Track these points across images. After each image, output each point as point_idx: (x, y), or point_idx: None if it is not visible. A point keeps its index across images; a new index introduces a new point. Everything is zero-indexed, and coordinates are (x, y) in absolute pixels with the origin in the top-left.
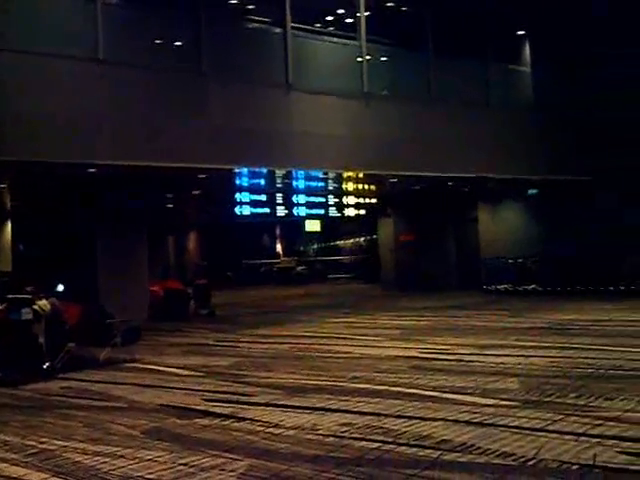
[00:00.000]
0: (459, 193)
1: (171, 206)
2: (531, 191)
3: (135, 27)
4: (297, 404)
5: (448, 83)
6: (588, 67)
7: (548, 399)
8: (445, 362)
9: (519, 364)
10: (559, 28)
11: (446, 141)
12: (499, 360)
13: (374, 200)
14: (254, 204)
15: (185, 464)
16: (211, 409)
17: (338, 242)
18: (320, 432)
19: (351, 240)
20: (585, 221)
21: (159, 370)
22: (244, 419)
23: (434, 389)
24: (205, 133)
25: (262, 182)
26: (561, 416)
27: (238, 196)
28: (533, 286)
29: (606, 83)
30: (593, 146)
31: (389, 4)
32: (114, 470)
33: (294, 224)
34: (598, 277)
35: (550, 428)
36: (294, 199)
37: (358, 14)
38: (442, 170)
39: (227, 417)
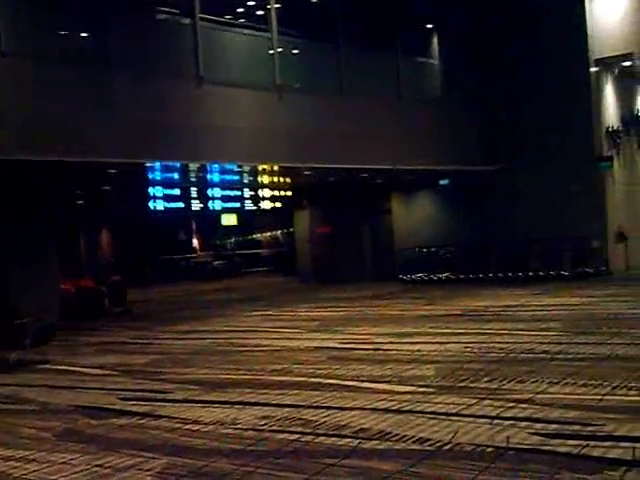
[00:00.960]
0: (373, 185)
1: (82, 202)
2: (442, 181)
3: (39, 18)
4: (216, 399)
5: (360, 76)
6: (495, 60)
7: (463, 384)
8: (363, 351)
9: (435, 351)
10: (466, 21)
11: (359, 133)
12: (415, 348)
13: (290, 193)
14: (168, 198)
15: (100, 465)
16: (127, 408)
17: (255, 235)
18: (239, 426)
19: (268, 233)
20: (494, 210)
21: (73, 370)
22: (161, 417)
23: (352, 379)
24: (114, 127)
25: (175, 176)
26: (475, 400)
27: (151, 190)
28: (447, 274)
29: (513, 76)
30: (500, 136)
31: None
32: (26, 475)
33: (210, 218)
34: (508, 264)
35: (465, 412)
36: (209, 193)
37: (269, 6)
38: (355, 162)
39: (144, 415)
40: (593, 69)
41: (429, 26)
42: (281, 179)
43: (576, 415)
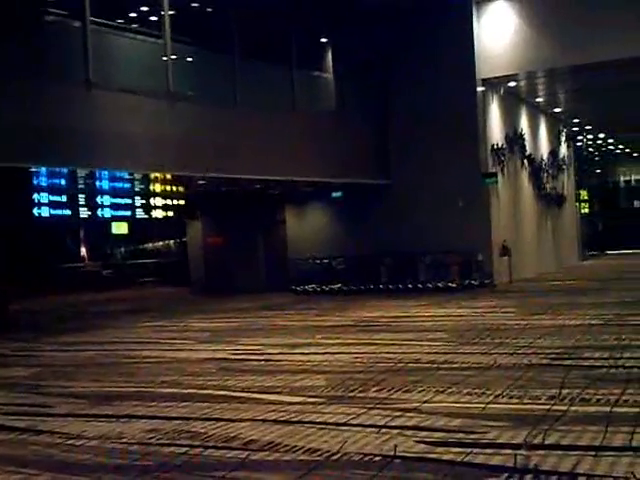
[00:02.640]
0: (267, 195)
1: None
2: (335, 194)
3: None
4: (101, 413)
5: (255, 87)
6: (388, 76)
7: (352, 394)
8: (254, 362)
9: (325, 361)
10: (360, 36)
11: (253, 144)
12: (306, 358)
13: (182, 202)
14: (54, 205)
15: None
16: (6, 423)
17: (147, 245)
18: (125, 440)
19: (160, 243)
20: (385, 222)
21: None
22: (43, 431)
23: (243, 390)
24: None
25: (62, 182)
26: (364, 410)
27: (36, 197)
28: (339, 285)
29: (405, 93)
30: (392, 151)
31: (194, 4)
32: None
33: (100, 226)
34: (398, 276)
35: (354, 422)
36: (98, 200)
37: (162, 12)
38: (249, 172)
39: (24, 430)
40: (480, 89)
41: (324, 40)
42: (174, 188)
43: (460, 423)
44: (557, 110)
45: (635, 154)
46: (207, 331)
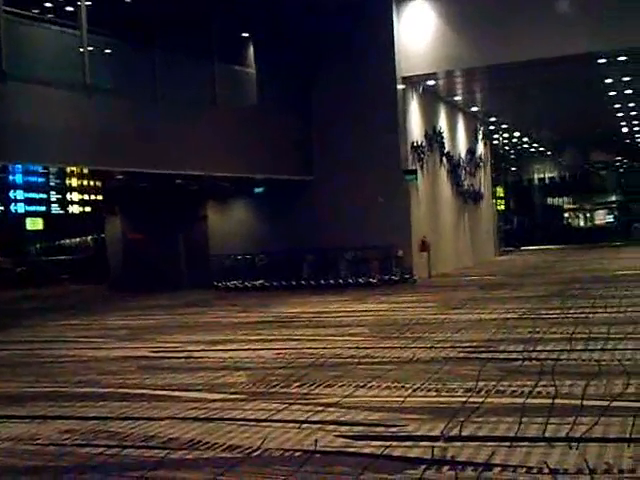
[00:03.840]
0: (189, 191)
1: None
2: (257, 189)
3: None
4: (14, 414)
5: (175, 81)
6: (309, 72)
7: (273, 390)
8: (174, 360)
9: (247, 358)
10: (280, 31)
11: (173, 138)
12: (228, 355)
13: (100, 197)
14: None
15: None
16: None
17: (64, 241)
18: (39, 442)
19: (78, 239)
20: (307, 218)
21: None
22: None
23: (162, 388)
24: None
25: None
26: (285, 405)
27: None
28: (261, 282)
29: (327, 90)
30: (314, 147)
31: None
32: None
33: (13, 222)
34: (319, 272)
35: (275, 418)
36: (11, 195)
37: (79, 3)
38: (169, 167)
39: None
40: (400, 86)
41: (245, 35)
42: (91, 182)
43: (380, 417)
44: (475, 109)
45: (549, 152)
46: (126, 329)
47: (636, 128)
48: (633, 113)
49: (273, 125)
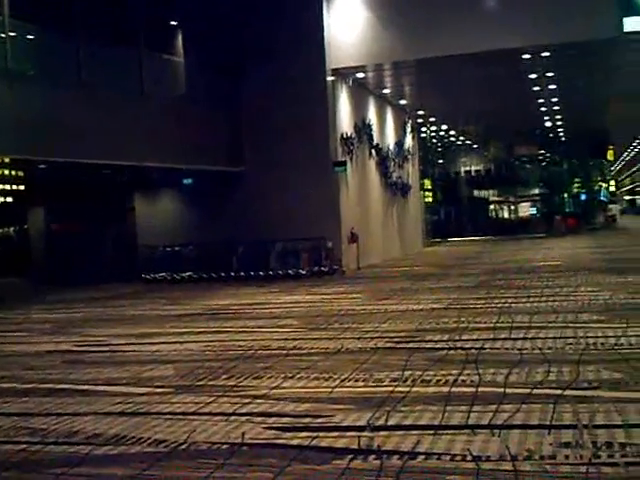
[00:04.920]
0: (116, 182)
1: None
2: (186, 181)
3: None
4: None
5: (102, 69)
6: (239, 63)
7: (201, 383)
8: (100, 354)
9: (174, 351)
10: (210, 20)
11: (99, 128)
12: (155, 348)
13: (22, 187)
14: None
15: None
16: None
17: None
18: None
19: None
20: (238, 210)
21: None
22: None
23: (87, 382)
24: None
25: None
26: (213, 398)
27: None
28: (190, 273)
29: (257, 80)
30: (245, 139)
31: None
32: None
33: None
34: (250, 263)
35: (202, 411)
36: None
37: None
38: (95, 157)
39: None
40: (329, 78)
41: (173, 23)
42: (12, 172)
43: (308, 408)
44: (403, 102)
45: (475, 145)
46: (50, 322)
47: (559, 123)
48: (556, 108)
49: (202, 116)
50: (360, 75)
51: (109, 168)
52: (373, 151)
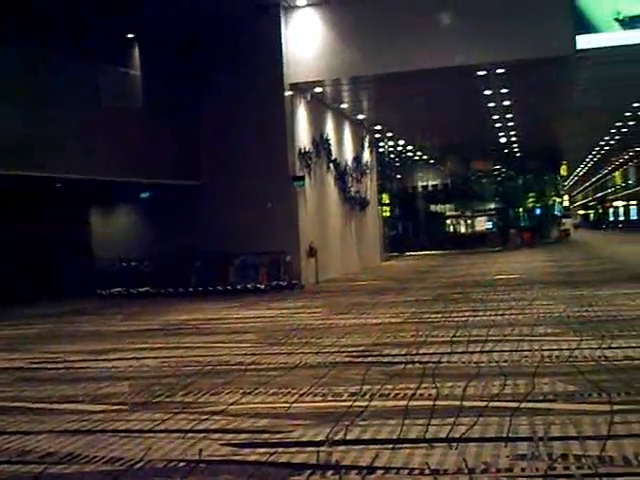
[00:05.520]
0: (70, 195)
1: None
2: (144, 194)
3: None
4: None
5: (57, 80)
6: (198, 77)
7: (158, 399)
8: (55, 371)
9: (131, 367)
10: (168, 33)
11: (53, 140)
12: (111, 364)
13: None
14: None
15: None
16: None
17: None
18: None
19: None
20: (196, 224)
21: None
22: None
23: (41, 400)
24: None
25: None
26: (170, 415)
27: None
28: (147, 288)
29: (216, 95)
30: (203, 152)
31: None
32: None
33: None
34: (208, 278)
35: (158, 428)
36: None
37: None
38: (48, 170)
39: None
40: (288, 93)
41: (130, 35)
42: None
43: (266, 423)
44: (361, 117)
45: (432, 161)
46: (2, 339)
47: (514, 139)
48: (511, 124)
49: (159, 129)
50: (318, 90)
51: (62, 182)
52: (331, 166)
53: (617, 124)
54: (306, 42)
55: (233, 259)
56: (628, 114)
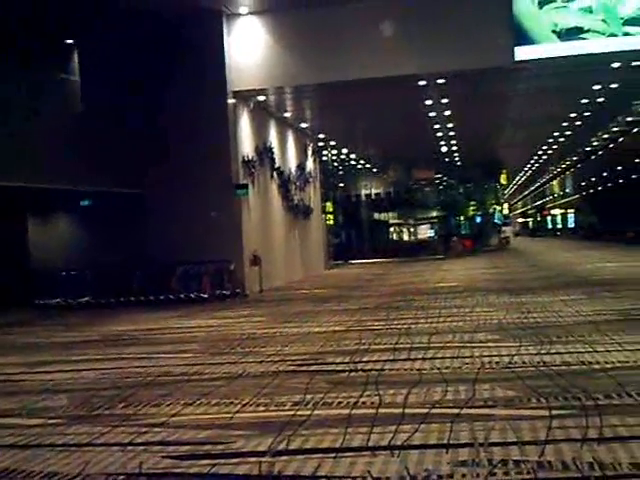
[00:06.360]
0: (5, 202)
1: None
2: (83, 202)
3: None
4: None
5: None
6: (139, 84)
7: (97, 412)
8: None
9: (70, 379)
10: (109, 40)
11: None
12: (49, 377)
13: None
14: None
15: None
16: None
17: None
18: None
19: None
20: (138, 233)
21: None
22: None
23: None
24: None
25: None
26: (109, 428)
27: None
28: (88, 298)
29: (159, 102)
30: (146, 160)
31: None
32: None
33: None
34: (150, 287)
35: (97, 441)
36: None
37: None
38: None
39: None
40: (230, 101)
41: (69, 41)
42: None
43: (208, 435)
44: (304, 125)
45: (375, 169)
46: None
47: (454, 148)
48: (451, 134)
49: (99, 137)
50: (261, 98)
51: None
52: (275, 174)
53: (555, 134)
54: (249, 50)
55: (176, 268)
56: (565, 124)
